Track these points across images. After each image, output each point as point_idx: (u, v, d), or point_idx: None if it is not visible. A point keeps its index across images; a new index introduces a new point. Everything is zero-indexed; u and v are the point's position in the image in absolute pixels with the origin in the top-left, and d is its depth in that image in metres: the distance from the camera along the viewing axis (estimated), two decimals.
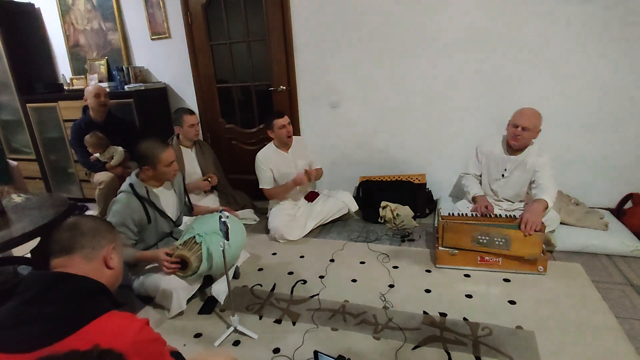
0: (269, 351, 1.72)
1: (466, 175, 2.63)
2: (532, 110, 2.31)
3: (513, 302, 1.96)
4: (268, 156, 2.85)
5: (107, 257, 1.09)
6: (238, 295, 2.15)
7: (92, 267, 1.04)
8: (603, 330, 1.72)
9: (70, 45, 3.87)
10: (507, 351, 1.64)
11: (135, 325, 0.94)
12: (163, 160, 2.02)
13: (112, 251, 1.11)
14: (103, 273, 1.07)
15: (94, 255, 1.06)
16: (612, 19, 2.46)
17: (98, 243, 1.08)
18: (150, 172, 2.04)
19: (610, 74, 2.57)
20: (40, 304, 0.90)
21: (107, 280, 1.07)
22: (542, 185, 2.25)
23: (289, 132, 2.81)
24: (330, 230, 2.93)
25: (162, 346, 1.04)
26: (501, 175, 2.46)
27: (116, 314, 0.95)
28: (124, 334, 0.91)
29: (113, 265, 1.10)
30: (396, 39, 2.91)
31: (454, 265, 2.28)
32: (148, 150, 2.00)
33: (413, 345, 1.70)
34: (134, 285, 2.12)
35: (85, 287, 0.97)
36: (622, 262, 2.28)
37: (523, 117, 2.29)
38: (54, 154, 3.88)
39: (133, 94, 3.38)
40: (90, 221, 1.11)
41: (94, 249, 1.06)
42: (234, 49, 3.39)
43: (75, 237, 1.05)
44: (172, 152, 2.08)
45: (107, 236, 1.11)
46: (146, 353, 0.94)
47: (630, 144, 2.66)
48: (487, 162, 2.52)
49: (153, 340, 0.98)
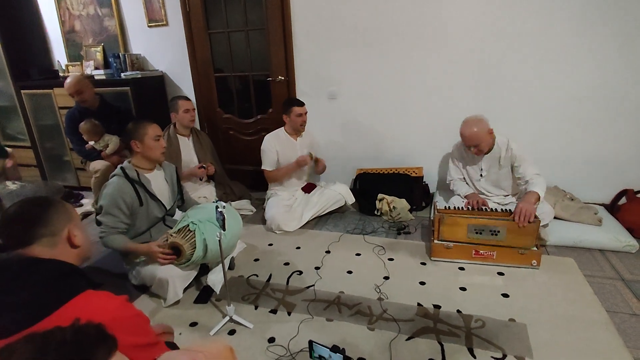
0: (264, 340, 1.74)
1: (452, 180, 2.68)
2: (474, 124, 2.30)
3: (506, 295, 1.98)
4: (277, 139, 2.89)
5: (71, 236, 1.04)
6: (234, 285, 2.16)
7: (58, 251, 1.01)
8: (594, 324, 1.75)
9: (65, 31, 3.82)
10: (500, 343, 1.66)
11: (114, 302, 0.93)
12: (150, 132, 2.05)
13: (74, 228, 1.05)
14: (70, 252, 1.04)
15: (55, 240, 1.01)
16: (608, 17, 2.45)
17: (55, 228, 1.02)
18: (139, 147, 2.06)
19: (605, 71, 2.56)
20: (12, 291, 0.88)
21: (76, 258, 1.04)
22: (530, 181, 2.28)
23: (304, 121, 2.85)
24: (327, 222, 2.93)
25: (145, 322, 1.02)
26: (480, 176, 2.52)
27: (93, 293, 0.94)
28: (103, 312, 0.89)
29: (79, 242, 1.06)
30: (396, 32, 2.89)
31: (449, 258, 2.30)
32: (134, 124, 2.09)
33: (407, 336, 1.72)
34: (129, 275, 2.13)
35: (56, 269, 0.95)
36: (614, 257, 2.31)
37: (470, 137, 2.32)
38: (49, 142, 3.85)
39: (130, 82, 3.35)
40: (37, 207, 1.03)
41: (53, 235, 1.01)
42: (232, 38, 3.36)
43: (29, 229, 0.99)
44: (158, 127, 2.13)
45: (62, 217, 1.05)
46: (128, 328, 0.92)
47: (625, 140, 2.67)
48: (464, 166, 2.60)
49: (135, 315, 0.97)
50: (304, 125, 2.88)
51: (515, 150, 2.35)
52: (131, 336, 0.93)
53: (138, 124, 2.08)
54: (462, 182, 2.63)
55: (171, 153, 2.83)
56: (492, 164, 2.44)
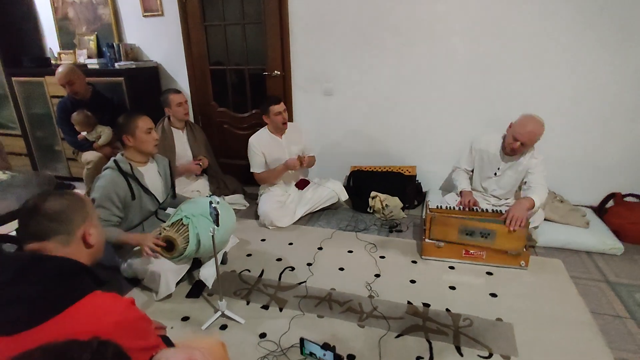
0: (255, 336, 1.75)
1: (457, 169, 2.65)
2: (535, 123, 2.22)
3: (494, 294, 2.02)
4: (261, 140, 2.84)
5: (86, 235, 1.03)
6: (226, 280, 2.17)
7: (71, 250, 1.00)
8: (577, 325, 1.79)
9: (58, 18, 3.75)
10: (486, 342, 1.70)
11: (120, 305, 0.93)
12: (140, 125, 2.04)
13: (90, 227, 1.04)
14: (83, 252, 1.03)
15: (70, 239, 1.00)
16: (602, 22, 2.48)
17: (72, 224, 1.00)
18: (131, 141, 2.05)
19: (597, 76, 2.60)
20: (20, 285, 0.86)
21: (88, 258, 1.03)
22: (533, 187, 2.29)
23: (285, 119, 2.79)
24: (320, 219, 2.95)
25: (148, 324, 1.02)
26: (493, 174, 2.48)
27: (100, 295, 0.93)
28: (109, 314, 0.89)
29: (93, 241, 1.04)
30: (392, 30, 2.89)
31: (440, 257, 2.33)
32: (125, 118, 2.07)
33: (396, 334, 1.75)
34: (121, 267, 2.12)
35: (66, 268, 0.93)
36: (600, 259, 2.36)
37: (524, 133, 2.21)
38: (40, 131, 3.80)
39: (123, 72, 3.31)
40: (56, 202, 1.01)
41: (69, 234, 1.00)
42: (229, 31, 3.33)
43: (44, 223, 0.97)
44: (149, 120, 2.11)
45: (79, 214, 1.03)
46: (132, 331, 0.92)
47: (614, 144, 2.72)
48: (480, 159, 2.52)
49: (139, 318, 0.97)
50: (286, 123, 2.81)
51: (538, 160, 2.33)
52: (135, 340, 0.93)
53: (128, 118, 2.06)
54: (466, 176, 2.59)
55: (165, 146, 2.81)
56: (511, 167, 2.40)
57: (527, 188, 2.34)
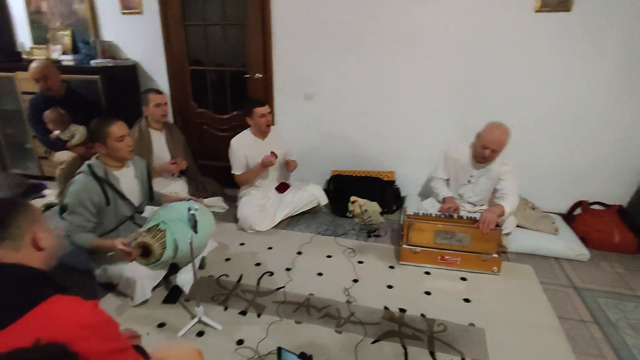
0: (232, 342, 1.75)
1: (435, 178, 2.71)
2: (501, 130, 2.31)
3: (468, 300, 2.08)
4: (243, 143, 2.83)
5: (37, 239, 1.00)
6: (204, 286, 2.16)
7: (22, 255, 0.97)
8: (545, 330, 1.87)
9: (30, 11, 3.62)
10: (459, 347, 1.75)
11: (83, 309, 0.90)
12: (112, 134, 1.94)
13: (39, 231, 1.02)
14: (35, 256, 1.00)
15: (19, 244, 0.97)
16: (573, 36, 2.59)
17: (19, 230, 0.98)
18: (103, 149, 1.97)
19: (567, 88, 2.71)
20: None
21: (41, 261, 1.01)
22: (504, 195, 2.37)
23: (269, 121, 2.79)
24: (299, 222, 2.96)
25: (115, 328, 0.99)
26: (467, 181, 2.56)
27: (61, 299, 0.90)
28: (71, 319, 0.87)
29: (44, 244, 1.02)
30: (374, 36, 2.93)
31: (416, 263, 2.38)
32: (96, 125, 1.97)
33: (372, 339, 1.78)
34: (96, 272, 2.07)
35: (21, 274, 0.92)
36: (568, 265, 2.46)
37: (492, 140, 2.30)
38: (10, 128, 3.65)
39: (100, 70, 3.22)
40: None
41: (15, 239, 0.97)
42: (209, 31, 3.29)
43: None
44: (122, 126, 2.00)
45: (26, 218, 1.01)
46: (100, 334, 0.90)
47: (582, 153, 2.84)
48: (454, 168, 2.60)
49: (104, 322, 0.94)
50: (269, 126, 2.82)
51: (509, 167, 2.41)
52: (101, 343, 0.91)
53: (100, 125, 1.95)
54: (444, 184, 2.66)
55: (142, 148, 2.76)
56: (484, 174, 2.48)
57: (499, 196, 2.41)
